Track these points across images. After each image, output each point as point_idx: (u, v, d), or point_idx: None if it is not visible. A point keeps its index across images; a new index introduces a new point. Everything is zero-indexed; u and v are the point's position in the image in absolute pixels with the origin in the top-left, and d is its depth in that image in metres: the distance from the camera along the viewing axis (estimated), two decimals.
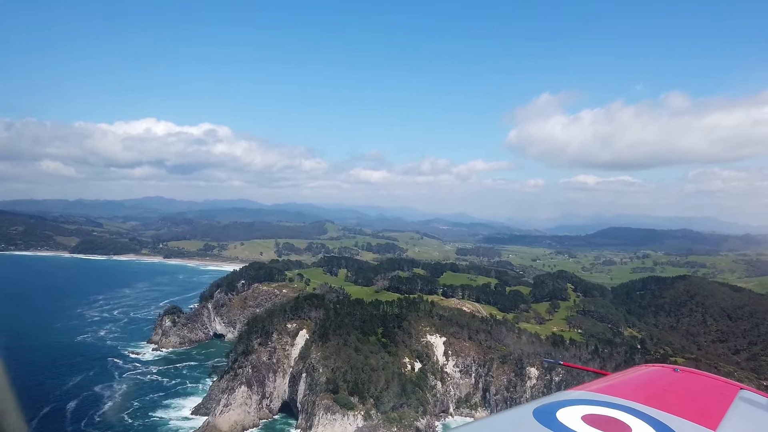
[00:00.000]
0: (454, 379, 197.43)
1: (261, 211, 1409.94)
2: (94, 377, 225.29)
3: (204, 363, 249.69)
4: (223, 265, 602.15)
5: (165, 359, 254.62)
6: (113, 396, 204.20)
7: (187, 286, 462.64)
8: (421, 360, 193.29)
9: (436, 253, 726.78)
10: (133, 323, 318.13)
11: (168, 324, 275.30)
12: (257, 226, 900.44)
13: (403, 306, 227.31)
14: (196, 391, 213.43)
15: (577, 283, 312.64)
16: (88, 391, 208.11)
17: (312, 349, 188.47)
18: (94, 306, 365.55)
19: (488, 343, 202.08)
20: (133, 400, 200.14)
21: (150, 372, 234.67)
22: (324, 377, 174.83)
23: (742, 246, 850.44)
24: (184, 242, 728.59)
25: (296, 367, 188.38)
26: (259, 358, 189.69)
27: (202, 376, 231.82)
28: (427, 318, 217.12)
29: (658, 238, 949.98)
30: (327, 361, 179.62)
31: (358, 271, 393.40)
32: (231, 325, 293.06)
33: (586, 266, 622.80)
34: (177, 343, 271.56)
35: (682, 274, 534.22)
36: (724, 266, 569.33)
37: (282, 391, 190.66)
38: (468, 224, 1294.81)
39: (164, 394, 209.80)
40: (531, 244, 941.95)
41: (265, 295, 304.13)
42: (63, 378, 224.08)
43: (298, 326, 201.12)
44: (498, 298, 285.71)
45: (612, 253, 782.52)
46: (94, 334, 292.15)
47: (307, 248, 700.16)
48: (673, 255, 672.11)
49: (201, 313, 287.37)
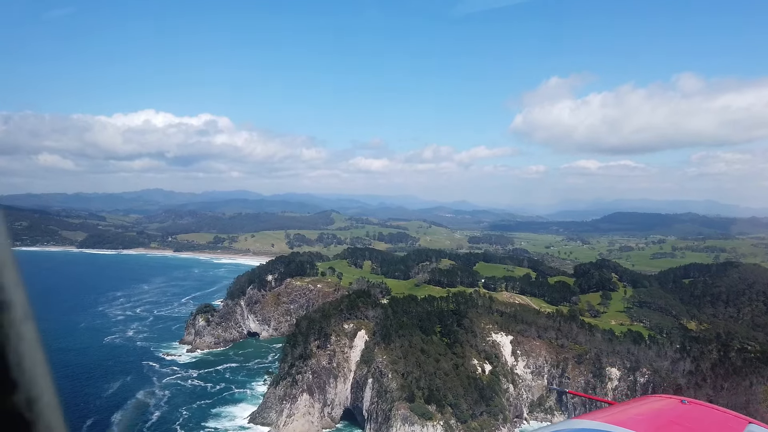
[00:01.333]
0: (526, 382, 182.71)
1: (263, 201, 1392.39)
2: (132, 383, 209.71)
3: (245, 365, 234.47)
4: (237, 258, 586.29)
5: (203, 361, 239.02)
6: (159, 404, 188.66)
7: (205, 280, 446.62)
8: (490, 361, 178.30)
9: (448, 242, 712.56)
10: (160, 321, 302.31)
11: (201, 323, 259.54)
12: (263, 218, 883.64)
13: (460, 301, 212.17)
14: (244, 397, 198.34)
15: (621, 273, 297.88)
16: (131, 399, 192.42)
17: (375, 352, 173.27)
18: (115, 303, 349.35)
19: (560, 342, 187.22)
20: (181, 409, 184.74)
21: (190, 376, 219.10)
22: (394, 383, 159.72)
23: (750, 229, 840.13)
24: (193, 235, 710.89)
25: (359, 371, 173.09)
26: (319, 363, 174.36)
27: (246, 379, 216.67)
28: (487, 314, 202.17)
29: (666, 222, 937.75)
30: (395, 366, 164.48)
31: (382, 263, 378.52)
32: (265, 323, 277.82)
33: (603, 253, 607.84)
34: (212, 344, 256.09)
35: (708, 260, 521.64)
36: (745, 250, 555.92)
37: (344, 397, 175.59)
38: (471, 211, 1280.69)
39: (211, 401, 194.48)
40: (537, 230, 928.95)
41: (299, 291, 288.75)
42: (100, 384, 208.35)
43: (355, 327, 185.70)
44: (544, 289, 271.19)
45: (623, 239, 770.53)
46: (122, 334, 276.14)
47: (318, 239, 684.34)
48: (689, 239, 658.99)
49: (234, 311, 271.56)
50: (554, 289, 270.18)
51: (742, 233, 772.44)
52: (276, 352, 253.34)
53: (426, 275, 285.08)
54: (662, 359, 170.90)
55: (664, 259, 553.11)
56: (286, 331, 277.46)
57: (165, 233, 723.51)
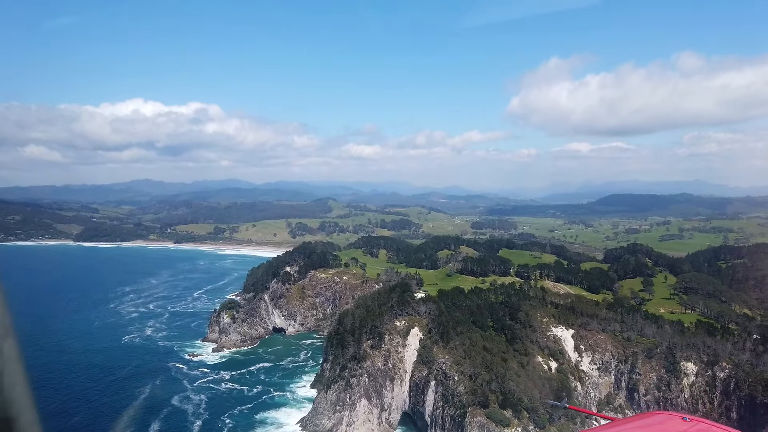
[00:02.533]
0: (592, 379, 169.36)
1: (255, 190, 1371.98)
2: (163, 387, 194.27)
3: (278, 364, 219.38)
4: (242, 249, 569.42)
5: (232, 361, 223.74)
6: (197, 412, 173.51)
7: (213, 273, 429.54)
8: (555, 358, 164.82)
9: (450, 227, 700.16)
10: (176, 318, 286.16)
11: (226, 320, 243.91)
12: (259, 207, 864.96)
13: (510, 293, 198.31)
14: (286, 401, 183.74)
15: (654, 258, 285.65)
16: (167, 407, 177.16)
17: (434, 352, 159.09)
18: (125, 300, 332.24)
19: (625, 334, 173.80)
20: (223, 416, 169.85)
21: (223, 379, 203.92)
22: (462, 386, 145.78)
23: (746, 208, 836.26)
24: (192, 226, 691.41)
25: (418, 373, 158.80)
26: (374, 364, 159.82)
27: (284, 381, 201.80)
28: (541, 307, 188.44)
29: (661, 203, 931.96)
30: (461, 367, 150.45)
31: (398, 252, 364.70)
32: (291, 318, 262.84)
33: (609, 236, 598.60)
34: (238, 342, 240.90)
35: (717, 241, 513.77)
36: (753, 230, 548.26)
37: (401, 401, 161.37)
38: (465, 196, 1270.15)
39: (252, 405, 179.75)
40: (534, 214, 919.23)
41: (324, 284, 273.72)
42: (130, 389, 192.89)
43: (407, 324, 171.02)
44: (580, 277, 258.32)
45: (623, 221, 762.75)
46: (140, 333, 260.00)
47: (320, 227, 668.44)
48: (693, 220, 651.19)
49: (258, 307, 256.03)
50: (591, 276, 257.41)
51: (739, 213, 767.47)
52: (307, 349, 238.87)
53: (457, 264, 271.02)
54: (740, 352, 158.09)
55: (673, 241, 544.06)
56: (313, 326, 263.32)
57: (163, 225, 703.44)
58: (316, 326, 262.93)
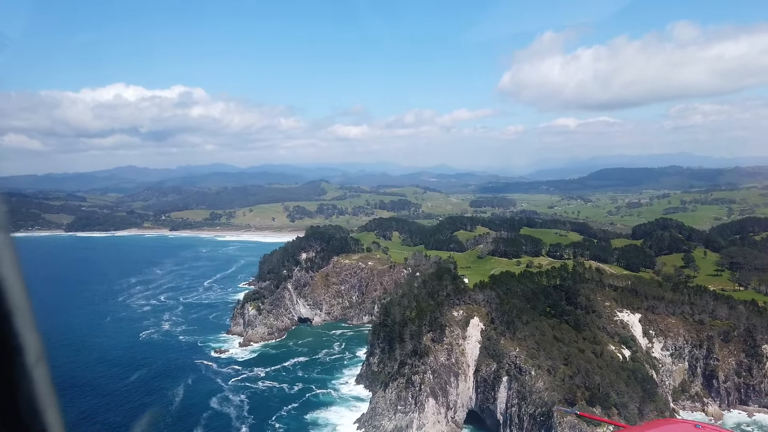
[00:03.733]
0: (665, 366, 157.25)
1: (242, 174, 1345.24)
2: (197, 388, 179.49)
3: (313, 358, 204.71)
4: (242, 235, 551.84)
5: (264, 356, 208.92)
6: (241, 415, 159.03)
7: (218, 260, 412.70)
8: (627, 345, 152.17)
9: (449, 207, 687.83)
10: (192, 310, 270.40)
11: (252, 312, 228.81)
12: (251, 191, 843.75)
13: (564, 276, 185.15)
14: (332, 400, 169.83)
15: (686, 232, 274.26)
16: (206, 410, 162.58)
17: (502, 344, 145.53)
18: (133, 292, 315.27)
19: (697, 317, 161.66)
20: (270, 419, 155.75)
21: (258, 376, 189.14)
22: (541, 382, 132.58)
23: (738, 179, 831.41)
24: (186, 212, 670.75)
25: (486, 367, 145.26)
26: (437, 360, 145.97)
27: (324, 377, 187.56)
28: (600, 289, 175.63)
29: (653, 176, 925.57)
30: (536, 360, 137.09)
31: (413, 234, 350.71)
32: (317, 308, 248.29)
33: (611, 210, 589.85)
34: (265, 334, 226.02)
35: (721, 213, 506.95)
36: (756, 201, 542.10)
37: (466, 398, 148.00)
38: (454, 175, 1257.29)
39: (297, 405, 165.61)
40: (527, 191, 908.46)
41: (349, 270, 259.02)
42: (162, 390, 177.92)
43: (466, 313, 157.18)
44: (616, 255, 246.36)
45: (618, 195, 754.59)
46: (157, 328, 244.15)
47: (318, 210, 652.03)
48: (692, 192, 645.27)
49: (282, 296, 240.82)
50: (628, 253, 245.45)
51: (731, 183, 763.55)
52: (338, 340, 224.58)
53: (488, 246, 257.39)
54: None
55: (677, 213, 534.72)
56: (339, 315, 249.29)
57: (156, 212, 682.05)
58: (343, 315, 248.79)
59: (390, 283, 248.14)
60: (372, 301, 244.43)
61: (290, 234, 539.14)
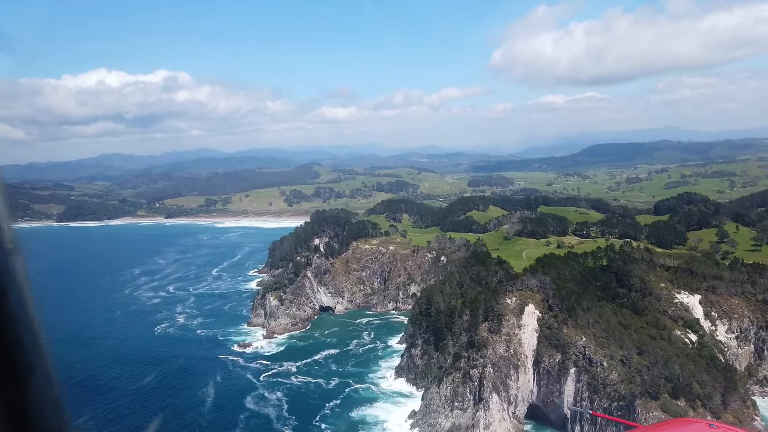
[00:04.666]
0: (731, 350, 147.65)
1: (230, 159, 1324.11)
2: (228, 386, 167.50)
3: (344, 350, 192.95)
4: (241, 221, 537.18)
5: (291, 349, 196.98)
6: (281, 415, 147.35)
7: (221, 248, 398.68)
8: (692, 329, 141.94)
9: (447, 187, 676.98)
10: (205, 302, 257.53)
11: (274, 303, 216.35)
12: (243, 176, 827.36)
13: (611, 256, 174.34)
14: (375, 396, 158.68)
15: (710, 206, 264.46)
16: (243, 411, 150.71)
17: (565, 333, 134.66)
18: (139, 283, 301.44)
19: (760, 296, 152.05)
20: (314, 419, 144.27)
21: (290, 371, 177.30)
22: (615, 373, 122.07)
23: (730, 152, 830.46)
24: (181, 199, 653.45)
25: (549, 358, 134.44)
26: (496, 352, 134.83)
27: (361, 370, 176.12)
28: (652, 269, 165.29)
29: (645, 151, 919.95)
30: (607, 350, 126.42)
31: (423, 216, 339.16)
32: (339, 295, 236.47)
33: (612, 186, 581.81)
34: (289, 325, 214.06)
35: (723, 186, 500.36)
36: (757, 173, 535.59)
37: (527, 392, 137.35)
38: (444, 155, 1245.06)
39: (339, 402, 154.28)
40: (520, 168, 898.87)
41: (369, 256, 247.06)
42: (191, 391, 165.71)
43: (519, 300, 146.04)
44: (646, 232, 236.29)
45: (613, 170, 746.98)
46: (172, 321, 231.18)
47: (315, 194, 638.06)
48: (689, 166, 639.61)
49: (303, 285, 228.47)
50: (658, 230, 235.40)
51: (724, 156, 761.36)
52: (366, 329, 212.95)
53: (515, 226, 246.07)
54: None
55: (680, 188, 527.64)
56: (362, 302, 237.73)
57: (150, 199, 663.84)
58: (365, 302, 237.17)
59: (414, 267, 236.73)
60: (396, 287, 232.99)
61: (290, 219, 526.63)
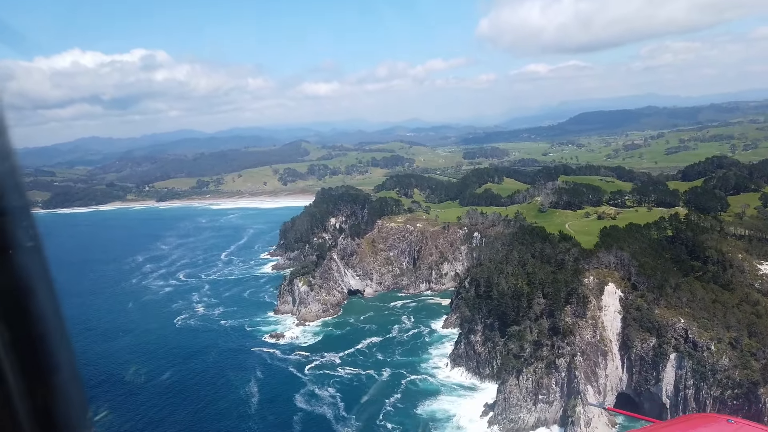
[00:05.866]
0: None
1: (213, 139, 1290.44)
2: (270, 383, 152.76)
3: (387, 336, 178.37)
4: (238, 202, 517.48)
5: (329, 338, 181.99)
6: (339, 414, 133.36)
7: (224, 230, 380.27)
8: None
9: (442, 160, 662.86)
10: (222, 289, 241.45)
11: (304, 289, 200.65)
12: (230, 156, 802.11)
13: (677, 227, 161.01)
14: (436, 388, 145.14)
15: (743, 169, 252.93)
16: (295, 411, 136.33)
17: (656, 313, 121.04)
18: (145, 271, 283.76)
19: None
20: (379, 419, 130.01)
21: (333, 363, 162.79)
22: (725, 358, 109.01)
23: (717, 116, 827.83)
24: (171, 182, 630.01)
25: (642, 343, 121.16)
26: (583, 338, 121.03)
27: (411, 359, 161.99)
28: (723, 239, 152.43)
29: (633, 118, 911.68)
30: (711, 332, 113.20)
31: (435, 190, 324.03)
32: (367, 278, 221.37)
33: (610, 154, 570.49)
34: (320, 312, 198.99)
35: (725, 149, 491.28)
36: (756, 135, 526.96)
37: (616, 380, 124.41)
38: (430, 128, 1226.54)
39: (400, 397, 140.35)
40: (509, 139, 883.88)
41: (396, 234, 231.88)
42: (229, 386, 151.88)
43: (597, 279, 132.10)
44: (687, 199, 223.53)
45: (606, 137, 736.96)
46: (191, 312, 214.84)
47: (309, 171, 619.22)
48: (686, 131, 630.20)
49: (330, 268, 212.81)
50: (698, 196, 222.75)
51: (712, 120, 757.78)
52: (403, 312, 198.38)
53: (549, 197, 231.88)
54: None
55: (681, 153, 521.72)
56: (391, 284, 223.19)
57: (139, 182, 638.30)
58: (395, 284, 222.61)
59: (445, 245, 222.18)
60: (428, 267, 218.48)
61: (287, 198, 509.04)
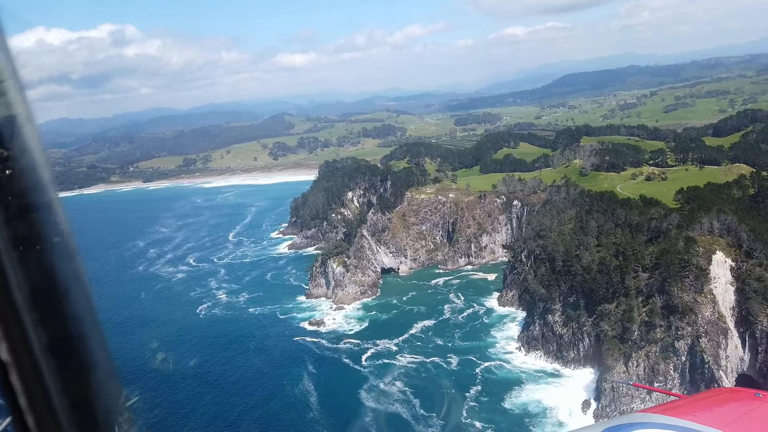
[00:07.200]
0: None
1: (189, 116, 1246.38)
2: (325, 378, 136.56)
3: (440, 319, 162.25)
4: (231, 179, 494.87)
5: (375, 323, 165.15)
6: (417, 413, 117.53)
7: (224, 210, 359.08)
8: None
9: (434, 128, 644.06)
10: (240, 273, 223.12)
11: (339, 270, 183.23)
12: (213, 132, 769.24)
13: (762, 184, 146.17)
14: (515, 376, 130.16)
15: None
16: (362, 409, 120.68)
17: None
18: (150, 257, 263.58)
19: None
20: (464, 417, 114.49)
21: (390, 351, 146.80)
22: None
23: (701, 72, 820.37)
24: (156, 161, 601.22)
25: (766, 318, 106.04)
26: (703, 316, 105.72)
27: (475, 344, 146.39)
28: None
29: (617, 77, 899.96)
30: None
31: (447, 158, 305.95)
32: (401, 254, 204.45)
33: (606, 114, 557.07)
34: (357, 294, 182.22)
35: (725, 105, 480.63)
36: (753, 89, 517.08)
37: (736, 361, 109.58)
38: (410, 97, 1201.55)
39: (480, 388, 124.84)
40: (495, 105, 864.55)
41: (428, 207, 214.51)
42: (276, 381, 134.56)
43: (703, 249, 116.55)
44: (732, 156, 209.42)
45: (597, 98, 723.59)
46: (213, 300, 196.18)
47: (300, 144, 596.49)
48: (680, 88, 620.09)
49: (362, 246, 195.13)
50: (745, 152, 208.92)
51: (696, 77, 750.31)
52: (448, 290, 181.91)
53: (591, 159, 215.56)
54: None
55: (680, 110, 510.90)
56: (426, 260, 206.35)
57: (122, 163, 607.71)
58: (430, 260, 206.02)
59: (483, 216, 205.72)
60: (467, 240, 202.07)
61: (281, 174, 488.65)
